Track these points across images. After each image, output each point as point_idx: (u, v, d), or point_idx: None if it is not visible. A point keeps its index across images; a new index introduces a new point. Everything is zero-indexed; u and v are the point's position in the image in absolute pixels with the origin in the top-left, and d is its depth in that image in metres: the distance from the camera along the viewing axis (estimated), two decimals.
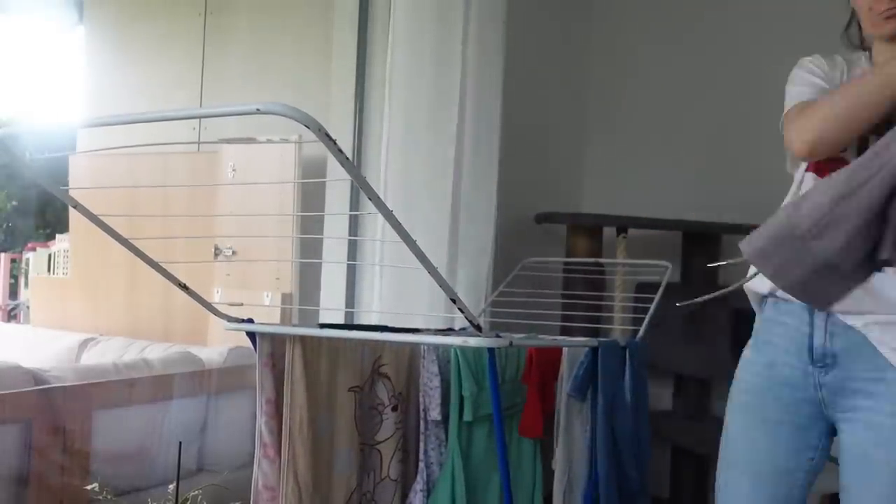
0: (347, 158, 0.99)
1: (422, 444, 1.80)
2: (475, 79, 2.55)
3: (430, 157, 2.48)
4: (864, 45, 1.58)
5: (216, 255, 3.11)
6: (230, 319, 1.54)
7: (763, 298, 1.58)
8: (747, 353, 1.61)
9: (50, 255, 5.40)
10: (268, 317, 2.97)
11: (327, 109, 2.67)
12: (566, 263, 2.89)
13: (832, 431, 1.50)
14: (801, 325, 1.47)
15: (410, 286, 2.41)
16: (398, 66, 2.45)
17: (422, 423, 1.81)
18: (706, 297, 1.60)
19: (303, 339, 1.52)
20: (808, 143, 1.40)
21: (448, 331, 1.99)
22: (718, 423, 3.27)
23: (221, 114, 0.99)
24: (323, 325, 1.68)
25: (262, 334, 1.54)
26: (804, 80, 1.56)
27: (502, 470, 1.54)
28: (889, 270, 1.30)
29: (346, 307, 2.56)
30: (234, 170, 3.21)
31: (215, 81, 3.71)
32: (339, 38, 2.69)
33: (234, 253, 3.13)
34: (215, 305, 1.52)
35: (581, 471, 2.00)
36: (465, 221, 2.54)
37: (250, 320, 1.55)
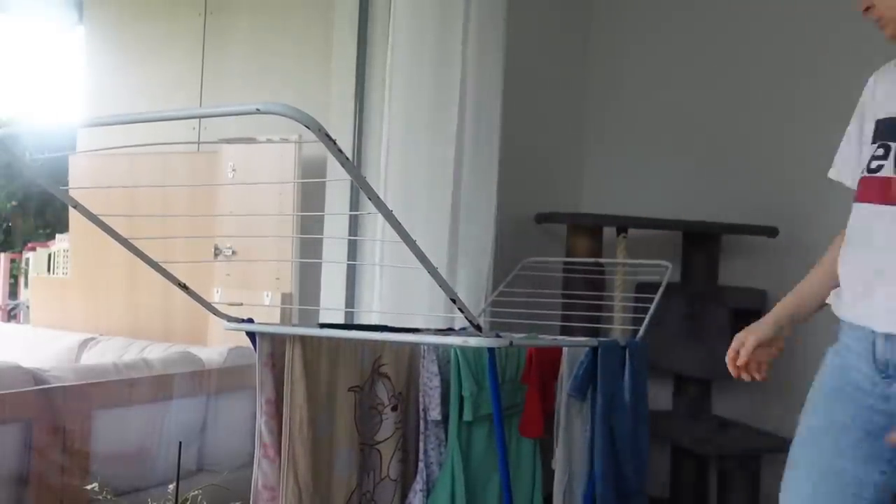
0: (347, 158, 0.99)
1: (421, 444, 1.80)
2: (475, 79, 2.55)
3: (430, 157, 2.48)
4: None
5: (216, 255, 3.11)
6: (230, 319, 1.54)
7: None
8: (828, 355, 1.52)
9: (50, 255, 5.41)
10: (268, 317, 2.97)
11: (327, 109, 2.67)
12: (566, 263, 2.89)
13: None
14: (868, 332, 1.39)
15: (410, 286, 2.41)
16: (398, 66, 2.45)
17: (421, 422, 1.81)
18: None
19: (303, 339, 1.52)
20: None
21: (448, 331, 1.99)
22: (719, 422, 3.27)
23: (221, 114, 0.99)
24: (323, 325, 1.68)
25: (262, 334, 1.54)
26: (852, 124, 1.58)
27: (502, 470, 1.55)
28: None
29: (346, 307, 2.56)
30: (234, 170, 3.21)
31: (215, 81, 3.71)
32: (339, 38, 2.69)
33: (234, 253, 3.13)
34: (215, 305, 1.52)
35: (581, 471, 2.00)
36: (465, 221, 2.54)
37: (250, 320, 1.55)
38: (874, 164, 1.40)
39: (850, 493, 1.41)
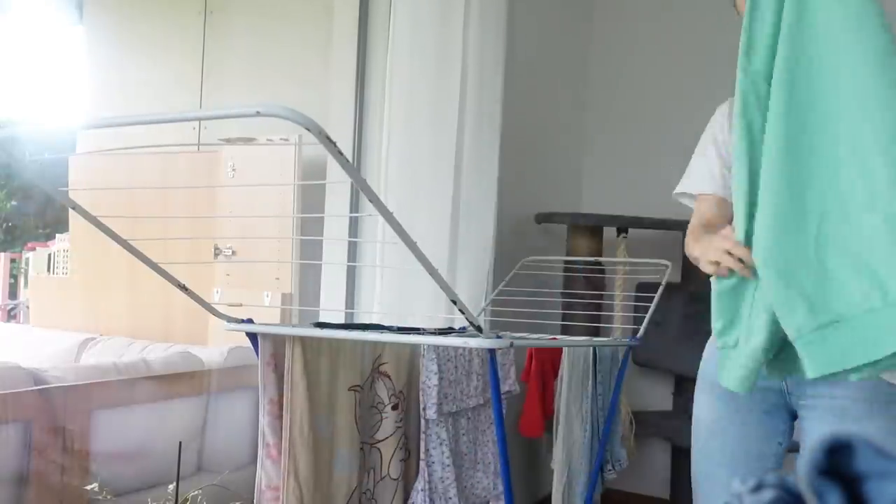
0: (348, 161, 0.99)
1: (422, 443, 1.80)
2: (475, 79, 2.55)
3: (431, 158, 2.48)
4: None
5: (216, 255, 3.11)
6: (230, 320, 1.54)
7: None
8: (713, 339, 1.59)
9: (50, 255, 5.40)
10: (268, 317, 2.96)
11: (327, 109, 2.67)
12: (566, 263, 2.89)
13: (794, 418, 1.54)
14: None
15: (411, 286, 2.41)
16: (398, 66, 2.45)
17: (422, 421, 1.81)
18: None
19: (302, 340, 1.53)
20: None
21: (448, 330, 1.99)
22: None
23: (222, 116, 0.99)
24: (320, 325, 1.68)
25: (264, 335, 1.54)
26: (702, 150, 1.70)
27: (503, 469, 1.55)
28: None
29: (347, 307, 2.56)
30: (234, 170, 3.21)
31: (215, 81, 3.71)
32: (339, 38, 2.69)
33: (234, 253, 3.13)
34: (215, 306, 1.52)
35: (581, 470, 2.00)
36: (465, 221, 2.54)
37: (250, 320, 1.55)
38: None
39: (758, 469, 1.55)
